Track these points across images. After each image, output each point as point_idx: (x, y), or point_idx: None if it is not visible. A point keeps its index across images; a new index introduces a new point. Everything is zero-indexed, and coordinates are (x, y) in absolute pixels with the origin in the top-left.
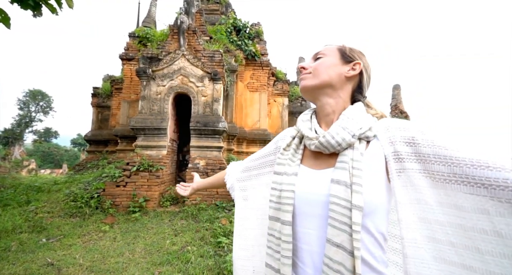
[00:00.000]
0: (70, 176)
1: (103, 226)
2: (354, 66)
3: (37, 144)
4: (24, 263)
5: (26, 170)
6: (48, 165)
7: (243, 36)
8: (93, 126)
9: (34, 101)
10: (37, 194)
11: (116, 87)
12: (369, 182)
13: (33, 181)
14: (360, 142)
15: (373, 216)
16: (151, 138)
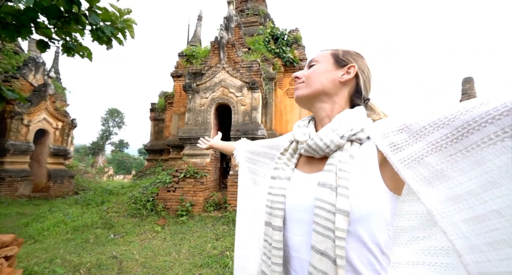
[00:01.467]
0: (134, 181)
1: (156, 226)
2: (349, 69)
3: (113, 153)
4: (96, 254)
5: (106, 176)
6: (122, 171)
7: (280, 43)
8: (151, 137)
9: (112, 118)
10: (109, 196)
11: (168, 101)
12: (359, 186)
13: (107, 185)
14: (352, 144)
15: (366, 223)
16: (196, 147)
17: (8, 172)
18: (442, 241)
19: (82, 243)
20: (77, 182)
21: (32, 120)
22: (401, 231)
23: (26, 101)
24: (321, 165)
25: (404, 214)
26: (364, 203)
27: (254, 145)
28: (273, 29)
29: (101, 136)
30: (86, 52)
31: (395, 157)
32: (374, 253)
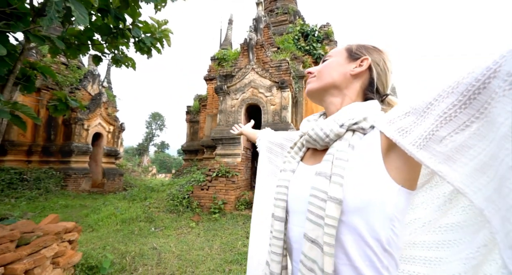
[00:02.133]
0: (172, 180)
1: (191, 222)
2: (362, 62)
3: (156, 154)
4: (139, 245)
5: (150, 174)
6: (163, 170)
7: (311, 40)
8: (187, 139)
9: (154, 121)
10: (151, 192)
11: (202, 104)
12: (358, 176)
13: (150, 182)
14: (353, 134)
15: (364, 215)
16: (227, 147)
17: (74, 170)
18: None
19: (128, 234)
20: (126, 180)
21: (90, 124)
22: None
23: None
24: (322, 156)
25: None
26: (362, 194)
27: (276, 135)
28: (303, 26)
29: (146, 138)
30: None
31: (405, 141)
32: (374, 249)
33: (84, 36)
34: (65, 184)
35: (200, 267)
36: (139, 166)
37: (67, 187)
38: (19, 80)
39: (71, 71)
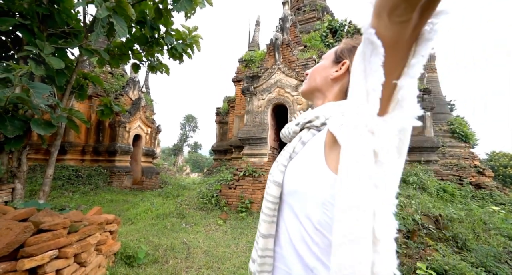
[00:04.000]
0: (203, 179)
1: (219, 220)
2: (342, 65)
3: (190, 154)
4: (171, 239)
5: (184, 174)
6: (196, 170)
7: (340, 36)
8: (217, 139)
9: (188, 123)
10: (183, 190)
11: (231, 105)
12: (299, 166)
13: (183, 181)
14: (308, 130)
15: (297, 197)
16: (254, 147)
17: (117, 168)
18: None
19: (162, 228)
20: (162, 178)
21: (131, 127)
22: None
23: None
24: None
25: None
26: (296, 181)
27: None
28: (331, 22)
29: (180, 139)
30: (165, 68)
31: (340, 132)
32: (304, 226)
33: (126, 47)
34: (111, 181)
35: (225, 264)
36: (174, 165)
37: (112, 184)
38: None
39: (116, 79)
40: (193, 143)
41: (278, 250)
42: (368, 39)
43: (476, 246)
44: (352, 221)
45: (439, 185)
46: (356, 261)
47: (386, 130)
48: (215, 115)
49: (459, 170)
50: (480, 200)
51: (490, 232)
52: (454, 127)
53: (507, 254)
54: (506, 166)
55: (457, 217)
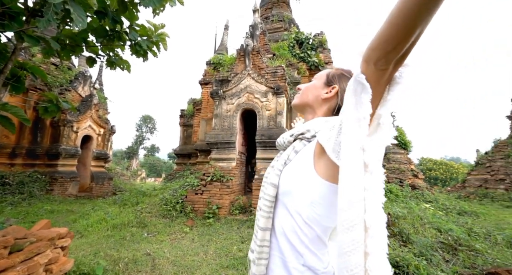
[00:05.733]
0: (164, 184)
1: (185, 227)
2: (332, 89)
3: (146, 157)
4: (132, 251)
5: (139, 178)
6: (153, 174)
7: (305, 47)
8: (180, 142)
9: (145, 124)
10: (143, 197)
11: (197, 108)
12: (292, 170)
13: (141, 187)
14: (300, 141)
15: (290, 196)
16: (222, 151)
17: (60, 173)
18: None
19: (120, 239)
20: (115, 184)
21: (80, 127)
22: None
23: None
24: None
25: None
26: (289, 182)
27: None
28: (298, 34)
29: (135, 141)
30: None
31: (328, 145)
32: (295, 219)
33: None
34: (51, 189)
35: (195, 273)
36: (128, 169)
37: (53, 192)
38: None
39: (61, 72)
40: (150, 146)
41: (274, 241)
42: (360, 82)
43: (416, 238)
44: (348, 214)
45: (386, 187)
46: (354, 241)
47: (373, 147)
48: (179, 118)
49: (400, 174)
50: (415, 199)
51: (425, 226)
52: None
53: (438, 243)
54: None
55: (402, 214)
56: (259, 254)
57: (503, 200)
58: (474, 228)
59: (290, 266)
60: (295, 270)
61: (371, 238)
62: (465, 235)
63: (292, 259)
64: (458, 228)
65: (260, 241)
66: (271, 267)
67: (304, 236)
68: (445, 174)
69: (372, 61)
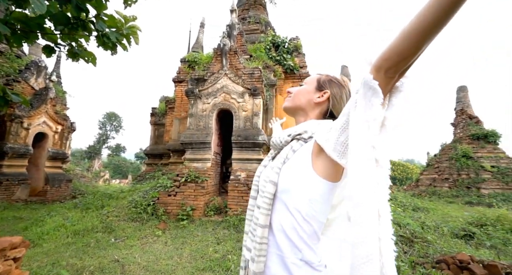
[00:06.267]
0: (133, 186)
1: (157, 231)
2: (324, 94)
3: (110, 157)
4: (98, 258)
5: (102, 180)
6: (118, 176)
7: (281, 51)
8: (151, 142)
9: (109, 122)
10: (109, 200)
11: (169, 106)
12: (290, 169)
13: (106, 189)
14: (297, 141)
15: (289, 193)
16: (197, 151)
17: (6, 175)
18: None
19: (83, 247)
20: (75, 186)
21: (32, 123)
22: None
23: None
24: None
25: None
26: (288, 180)
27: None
28: (274, 37)
29: (98, 140)
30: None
31: (326, 145)
32: (295, 216)
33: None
34: None
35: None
36: (89, 171)
37: None
38: None
39: (8, 60)
40: (115, 145)
41: (271, 238)
42: (372, 87)
43: None
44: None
45: None
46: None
47: (383, 145)
48: (150, 116)
49: None
50: None
51: None
52: None
53: (398, 237)
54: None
55: None
56: (259, 251)
57: (447, 197)
58: (426, 221)
59: (288, 261)
60: (293, 265)
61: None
62: (419, 228)
63: (291, 254)
64: (414, 222)
65: (260, 239)
66: (268, 265)
67: (303, 232)
68: (402, 174)
69: (383, 70)
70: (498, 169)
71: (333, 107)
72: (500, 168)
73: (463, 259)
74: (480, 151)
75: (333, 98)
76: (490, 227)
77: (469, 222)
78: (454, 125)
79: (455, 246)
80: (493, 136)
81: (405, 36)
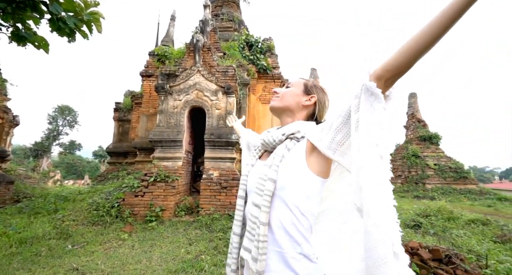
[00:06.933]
0: (93, 186)
1: (122, 234)
2: (311, 98)
3: (62, 156)
4: (52, 268)
5: (52, 181)
6: (72, 176)
7: (255, 51)
8: (114, 139)
9: (62, 116)
10: (63, 203)
11: (136, 101)
12: (287, 166)
13: (60, 191)
14: (291, 140)
15: (287, 190)
16: (168, 150)
17: None
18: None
19: (32, 256)
20: (18, 189)
21: None
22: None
23: None
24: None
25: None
26: (287, 178)
27: (253, 136)
28: (248, 36)
29: (47, 136)
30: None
31: (320, 144)
32: (294, 212)
33: None
34: None
35: None
36: (35, 171)
37: None
38: None
39: None
40: (68, 142)
41: (270, 235)
42: (375, 93)
43: None
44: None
45: None
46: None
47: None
48: (114, 111)
49: None
50: None
51: None
52: None
53: None
54: None
55: None
56: (261, 249)
57: (400, 192)
58: None
59: (288, 256)
60: (293, 260)
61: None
62: None
63: (290, 249)
64: None
65: (262, 237)
66: (267, 262)
67: (301, 226)
68: None
69: (384, 79)
70: (439, 167)
71: (318, 110)
72: (440, 166)
73: (414, 246)
74: (425, 151)
75: (319, 103)
76: (433, 217)
77: (417, 213)
78: (406, 128)
79: (406, 236)
80: (436, 138)
81: (405, 52)
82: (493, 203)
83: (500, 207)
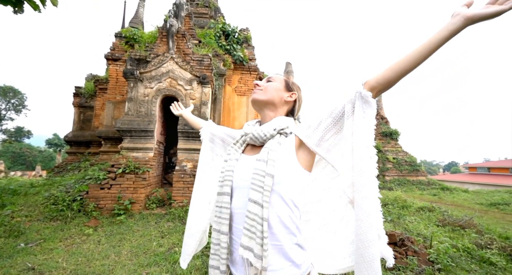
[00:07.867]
0: (49, 179)
1: (86, 229)
2: (292, 95)
3: (6, 144)
4: (2, 269)
5: None
6: (19, 167)
7: (231, 41)
8: (74, 127)
9: (5, 99)
10: (12, 197)
11: (100, 87)
12: (281, 161)
13: (7, 184)
14: (280, 135)
15: (283, 184)
16: (138, 140)
17: None
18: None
19: None
20: None
21: None
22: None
23: None
24: (259, 150)
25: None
26: (283, 172)
27: (218, 129)
28: (225, 25)
29: None
30: None
31: (309, 141)
32: (289, 205)
33: None
34: None
35: None
36: None
37: None
38: None
39: None
40: (14, 128)
41: (268, 230)
42: (369, 101)
43: None
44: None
45: None
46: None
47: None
48: (73, 96)
49: None
50: None
51: None
52: None
53: None
54: None
55: None
56: (265, 246)
57: None
58: None
59: (286, 248)
60: (291, 251)
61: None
62: None
63: (288, 241)
64: None
65: (265, 233)
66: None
67: (295, 218)
68: None
69: (376, 90)
70: (396, 160)
71: (297, 107)
72: (398, 160)
73: None
74: (386, 145)
75: (298, 100)
76: (390, 206)
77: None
78: None
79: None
80: (395, 134)
81: (393, 70)
82: (437, 192)
83: (443, 195)
